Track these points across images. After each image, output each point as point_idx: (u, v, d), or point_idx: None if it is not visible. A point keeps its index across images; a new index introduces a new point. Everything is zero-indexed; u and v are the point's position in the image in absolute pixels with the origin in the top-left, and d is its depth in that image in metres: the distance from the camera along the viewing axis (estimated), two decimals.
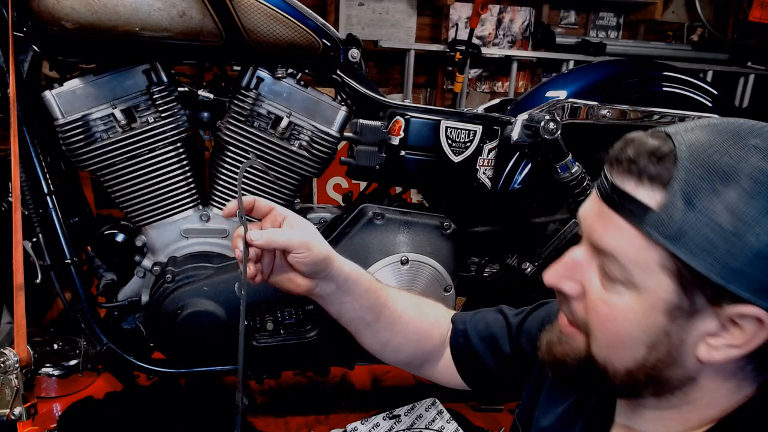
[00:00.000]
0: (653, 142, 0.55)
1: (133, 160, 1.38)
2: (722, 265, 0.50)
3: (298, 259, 0.79)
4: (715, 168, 0.51)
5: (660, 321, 0.55)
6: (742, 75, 3.92)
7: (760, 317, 0.51)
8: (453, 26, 3.76)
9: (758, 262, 0.50)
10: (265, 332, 1.43)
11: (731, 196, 0.50)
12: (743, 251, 0.50)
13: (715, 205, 0.50)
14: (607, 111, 1.53)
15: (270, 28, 1.31)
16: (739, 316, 0.52)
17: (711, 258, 0.51)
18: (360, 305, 0.88)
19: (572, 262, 0.62)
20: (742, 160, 0.51)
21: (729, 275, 0.50)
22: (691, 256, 0.51)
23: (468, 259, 1.67)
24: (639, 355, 0.58)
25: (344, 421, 1.44)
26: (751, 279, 0.50)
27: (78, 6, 1.20)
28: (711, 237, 0.50)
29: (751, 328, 0.52)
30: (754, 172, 0.50)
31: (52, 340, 1.46)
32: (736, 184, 0.50)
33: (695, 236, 0.51)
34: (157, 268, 1.44)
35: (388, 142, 1.45)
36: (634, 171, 0.54)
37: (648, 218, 0.53)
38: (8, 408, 1.05)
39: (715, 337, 0.54)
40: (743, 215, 0.50)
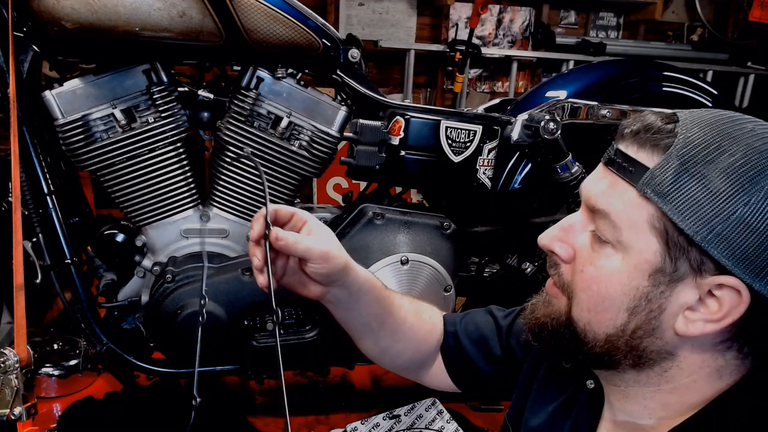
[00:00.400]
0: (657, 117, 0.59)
1: (133, 160, 1.38)
2: (707, 227, 0.53)
3: (314, 270, 0.78)
4: (714, 140, 0.54)
5: (643, 284, 0.57)
6: (742, 75, 3.92)
7: (739, 288, 0.53)
8: (453, 26, 3.76)
9: (743, 229, 0.52)
10: (265, 332, 1.43)
11: (725, 163, 0.53)
12: (729, 216, 0.52)
13: (708, 169, 0.53)
14: (607, 111, 1.53)
15: (270, 28, 1.31)
16: (718, 287, 0.54)
17: (697, 218, 0.53)
18: (368, 313, 0.89)
19: (567, 225, 0.65)
20: (738, 136, 0.54)
21: (712, 238, 0.52)
22: (679, 214, 0.54)
23: (468, 259, 1.67)
24: (619, 320, 0.59)
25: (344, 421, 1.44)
26: (733, 246, 0.52)
27: (78, 6, 1.20)
28: (700, 198, 0.53)
29: (729, 301, 0.54)
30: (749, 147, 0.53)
31: (52, 340, 1.46)
32: (730, 156, 0.53)
33: (685, 195, 0.53)
34: (157, 268, 1.44)
35: (388, 142, 1.45)
36: (639, 139, 0.58)
37: (645, 176, 0.56)
38: (8, 408, 1.05)
39: (693, 310, 0.56)
40: (734, 182, 0.52)
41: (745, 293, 0.53)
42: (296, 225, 0.79)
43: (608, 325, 0.60)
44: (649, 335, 0.59)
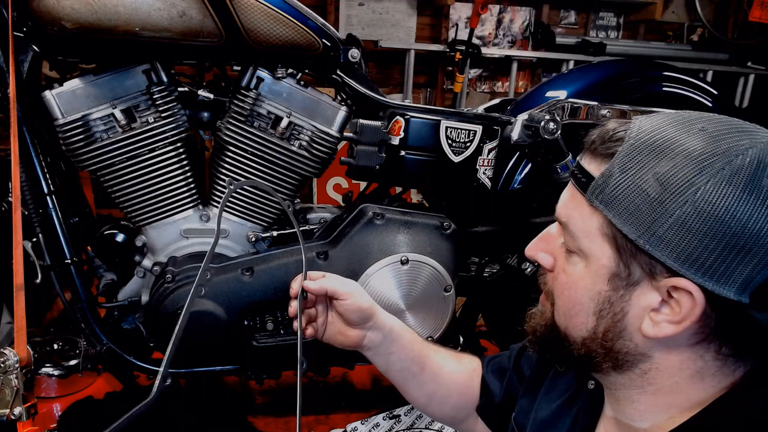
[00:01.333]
0: (613, 126, 0.61)
1: (133, 160, 1.38)
2: (648, 232, 0.54)
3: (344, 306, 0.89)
4: (655, 143, 0.56)
5: (604, 289, 0.60)
6: (742, 75, 3.92)
7: (689, 289, 0.54)
8: (453, 26, 3.76)
9: (680, 230, 0.53)
10: (265, 332, 1.43)
11: (662, 168, 0.54)
12: (667, 218, 0.53)
13: (645, 174, 0.55)
14: (607, 111, 1.53)
15: (270, 28, 1.31)
16: (673, 289, 0.56)
17: (638, 223, 0.55)
18: (406, 355, 0.94)
19: (547, 235, 0.69)
20: (682, 139, 0.55)
21: (655, 241, 0.54)
22: (621, 220, 0.56)
23: (468, 259, 1.67)
24: (590, 324, 0.62)
25: (344, 421, 1.44)
26: (676, 248, 0.54)
27: (78, 6, 1.20)
28: (638, 203, 0.55)
29: (685, 303, 0.55)
30: (690, 147, 0.54)
31: (52, 340, 1.46)
32: (670, 158, 0.54)
33: (624, 201, 0.56)
34: (157, 268, 1.44)
35: (388, 142, 1.45)
36: (593, 150, 0.61)
37: (591, 186, 0.59)
38: (8, 408, 1.05)
39: (657, 312, 0.58)
40: (669, 184, 0.53)
41: (698, 294, 0.54)
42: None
43: (581, 329, 0.63)
44: (618, 337, 0.61)
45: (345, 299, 0.89)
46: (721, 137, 0.54)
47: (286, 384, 1.93)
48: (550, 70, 3.98)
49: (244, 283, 1.37)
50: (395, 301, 1.40)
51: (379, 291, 1.39)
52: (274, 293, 1.39)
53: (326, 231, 1.49)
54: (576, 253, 0.62)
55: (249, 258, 1.41)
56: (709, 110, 1.65)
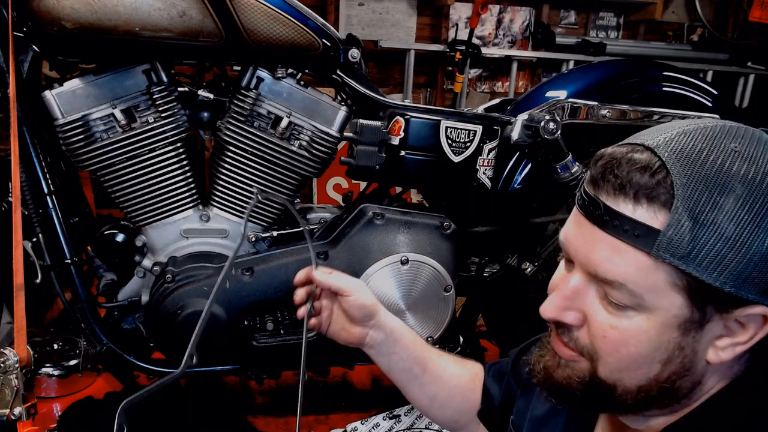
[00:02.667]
0: (638, 157, 0.54)
1: (133, 160, 1.38)
2: (734, 275, 0.51)
3: (348, 302, 0.90)
4: (710, 180, 0.51)
5: (674, 337, 0.55)
6: (742, 75, 3.92)
7: (765, 314, 0.53)
8: (453, 26, 3.76)
9: (765, 265, 0.51)
10: (265, 332, 1.43)
11: (729, 206, 0.51)
12: (752, 258, 0.51)
13: (718, 217, 0.51)
14: (607, 111, 1.53)
15: (270, 28, 1.31)
16: (745, 317, 0.54)
17: (723, 270, 0.51)
18: (408, 356, 0.94)
19: (570, 292, 0.60)
20: (728, 167, 0.52)
21: (740, 283, 0.51)
22: (705, 271, 0.51)
23: (468, 259, 1.67)
24: (653, 372, 0.58)
25: (344, 421, 1.44)
26: (758, 282, 0.51)
27: (78, 6, 1.20)
28: (721, 250, 0.51)
29: (755, 326, 0.54)
30: (743, 177, 0.51)
31: (52, 340, 1.46)
32: (731, 193, 0.51)
33: (707, 252, 0.51)
34: (157, 268, 1.44)
35: (388, 142, 1.45)
36: (629, 191, 0.54)
37: (657, 241, 0.52)
38: (8, 408, 1.05)
39: (721, 338, 0.56)
40: (745, 222, 0.50)
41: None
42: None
43: (641, 378, 0.59)
44: (683, 376, 0.58)
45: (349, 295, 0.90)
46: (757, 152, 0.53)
47: (286, 384, 1.93)
48: (550, 70, 3.98)
49: (244, 283, 1.37)
50: (395, 301, 1.40)
51: (379, 291, 1.39)
52: (274, 293, 1.39)
53: (326, 231, 1.49)
54: (632, 308, 0.56)
55: (249, 258, 1.41)
56: (708, 110, 1.65)
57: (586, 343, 0.60)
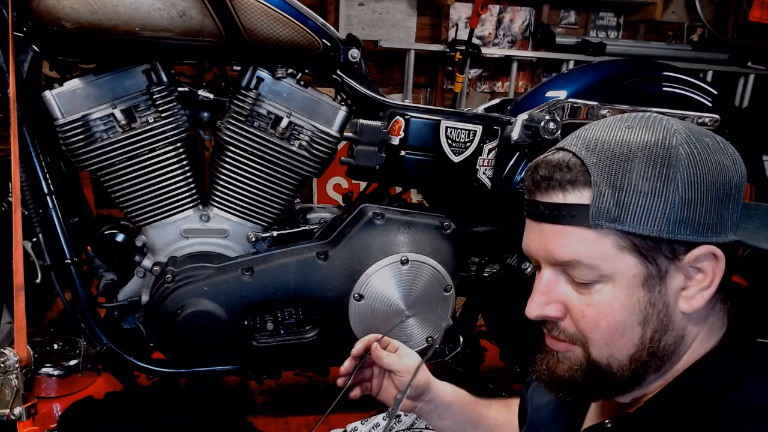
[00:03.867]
0: (554, 157, 0.64)
1: (133, 160, 1.38)
2: (664, 222, 0.58)
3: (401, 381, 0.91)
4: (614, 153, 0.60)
5: (641, 295, 0.61)
6: (742, 75, 3.92)
7: (712, 251, 0.59)
8: (453, 26, 3.76)
9: (687, 206, 0.58)
10: (265, 332, 1.43)
11: (637, 168, 0.59)
12: (672, 202, 0.58)
13: (632, 179, 0.59)
14: (607, 111, 1.53)
15: (270, 28, 1.31)
16: (696, 260, 0.60)
17: (653, 220, 0.59)
18: (459, 420, 0.97)
19: (544, 287, 0.66)
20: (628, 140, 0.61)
21: (673, 227, 0.58)
22: (635, 224, 0.59)
23: (468, 259, 1.67)
24: (636, 336, 0.62)
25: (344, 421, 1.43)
26: (689, 222, 0.58)
27: (78, 6, 1.20)
28: (644, 203, 0.59)
29: (710, 266, 0.60)
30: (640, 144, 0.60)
31: (52, 340, 1.46)
32: (635, 158, 0.59)
33: (632, 208, 0.59)
34: (157, 268, 1.44)
35: (388, 142, 1.45)
36: (555, 185, 0.62)
37: (591, 213, 0.60)
38: (8, 408, 1.05)
39: (687, 288, 0.61)
40: (654, 176, 0.58)
41: (719, 252, 0.59)
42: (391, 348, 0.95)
43: (629, 346, 0.63)
44: (664, 332, 0.62)
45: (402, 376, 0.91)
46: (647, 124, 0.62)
47: (286, 384, 1.93)
48: (550, 70, 3.98)
49: (244, 283, 1.37)
50: (395, 301, 1.40)
51: (379, 291, 1.39)
52: (274, 293, 1.39)
53: (326, 231, 1.49)
54: (597, 282, 0.62)
55: (249, 258, 1.41)
56: (708, 110, 1.65)
57: (573, 330, 0.65)
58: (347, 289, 1.40)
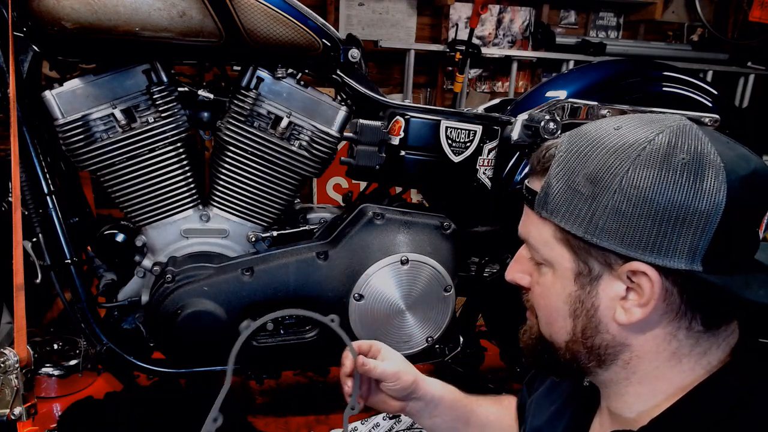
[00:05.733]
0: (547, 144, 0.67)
1: (133, 160, 1.38)
2: (591, 225, 0.59)
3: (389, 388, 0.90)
4: (580, 149, 0.62)
5: (572, 289, 0.64)
6: (742, 75, 3.92)
7: (644, 270, 0.58)
8: (453, 26, 3.76)
9: (617, 217, 0.58)
10: (265, 332, 1.43)
11: (588, 167, 0.60)
12: (603, 210, 0.58)
13: (575, 177, 0.61)
14: (607, 111, 1.53)
15: (270, 28, 1.31)
16: (632, 274, 0.59)
17: (581, 221, 0.60)
18: (449, 416, 0.96)
19: (519, 257, 0.72)
20: (601, 139, 0.61)
21: (599, 233, 0.59)
22: (567, 222, 0.61)
23: (468, 259, 1.67)
24: (568, 326, 0.65)
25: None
26: (617, 233, 0.58)
27: (78, 6, 1.20)
28: (576, 203, 0.60)
29: (646, 284, 0.58)
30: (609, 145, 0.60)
31: (52, 340, 1.46)
32: (593, 158, 0.60)
33: (565, 205, 0.61)
34: (157, 268, 1.44)
35: (388, 142, 1.45)
36: (534, 170, 0.67)
37: (536, 200, 0.64)
38: (8, 408, 1.05)
39: (626, 299, 0.61)
40: (597, 180, 0.59)
41: (652, 272, 0.58)
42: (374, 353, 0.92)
43: (562, 333, 0.66)
44: (596, 332, 0.64)
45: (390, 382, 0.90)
46: (633, 130, 0.60)
47: (286, 384, 1.93)
48: (550, 70, 3.98)
49: (244, 283, 1.37)
50: (395, 301, 1.40)
51: (379, 291, 1.39)
52: (274, 293, 1.39)
53: (326, 231, 1.49)
54: (543, 264, 0.67)
55: (249, 258, 1.41)
56: (708, 110, 1.65)
57: (532, 303, 0.71)
58: (347, 289, 1.40)
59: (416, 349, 1.47)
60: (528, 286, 0.71)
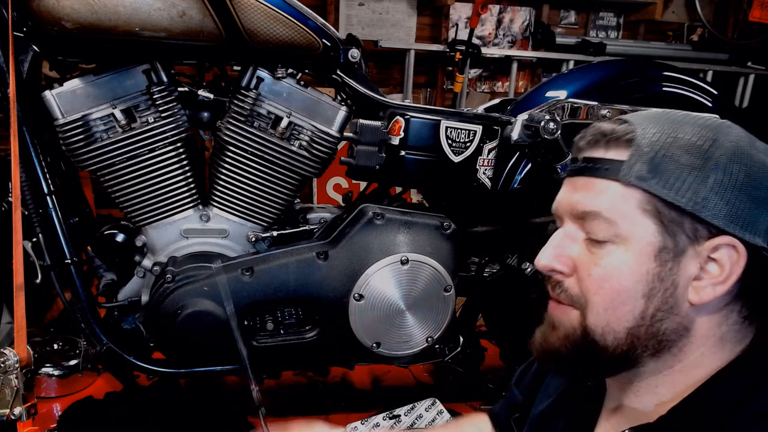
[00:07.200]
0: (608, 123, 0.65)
1: (133, 160, 1.38)
2: (692, 195, 0.58)
3: None
4: (666, 126, 0.62)
5: (652, 267, 0.60)
6: (742, 75, 3.92)
7: (734, 244, 0.58)
8: (453, 26, 3.76)
9: (721, 191, 0.58)
10: (265, 332, 1.43)
11: (684, 141, 0.60)
12: (705, 182, 0.58)
13: (674, 148, 0.60)
14: (607, 111, 1.53)
15: (270, 28, 1.31)
16: (715, 249, 0.59)
17: (682, 190, 0.58)
18: None
19: (559, 240, 0.66)
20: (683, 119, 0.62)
21: (699, 204, 0.58)
22: (664, 189, 0.59)
23: (468, 259, 1.67)
24: (638, 309, 0.61)
25: (344, 421, 1.44)
26: (718, 206, 0.58)
27: (78, 6, 1.20)
28: (677, 173, 0.59)
29: (729, 259, 0.58)
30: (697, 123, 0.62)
31: (52, 340, 1.46)
32: (686, 134, 0.60)
33: (664, 173, 0.59)
34: (157, 268, 1.44)
35: (388, 142, 1.45)
36: (601, 142, 0.64)
37: (622, 168, 0.61)
38: (8, 408, 1.05)
39: (699, 279, 0.60)
40: (699, 154, 0.59)
41: (741, 247, 0.58)
42: None
43: (628, 318, 0.61)
44: (668, 314, 0.61)
45: None
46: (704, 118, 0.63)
47: (286, 384, 1.93)
48: (550, 70, 3.98)
49: (244, 283, 1.37)
50: (395, 301, 1.40)
51: (379, 291, 1.39)
52: (274, 293, 1.39)
53: (326, 231, 1.49)
54: (609, 242, 0.61)
55: (249, 258, 1.41)
56: (709, 110, 1.65)
57: (576, 291, 0.65)
58: (347, 289, 1.40)
59: (416, 349, 1.47)
60: (570, 272, 0.65)
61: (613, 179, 0.61)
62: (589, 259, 0.63)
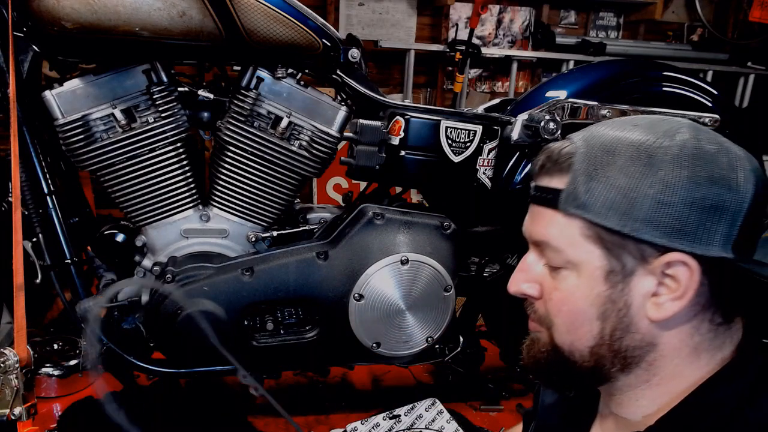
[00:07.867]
0: (556, 145, 0.66)
1: (133, 160, 1.38)
2: (630, 217, 0.58)
3: None
4: (604, 145, 0.61)
5: (602, 290, 0.61)
6: (742, 75, 3.92)
7: (683, 260, 0.58)
8: (453, 26, 3.76)
9: (659, 207, 0.57)
10: (265, 332, 1.43)
11: (620, 161, 0.60)
12: (643, 201, 0.58)
13: (609, 171, 0.60)
14: (607, 111, 1.53)
15: (270, 28, 1.31)
16: (667, 266, 0.58)
17: (618, 213, 0.59)
18: None
19: (525, 266, 0.69)
20: (624, 137, 0.61)
21: (639, 225, 0.58)
22: (602, 216, 0.59)
23: (468, 259, 1.67)
24: (595, 330, 0.63)
25: (344, 421, 1.44)
26: (658, 224, 0.57)
27: (78, 6, 1.20)
28: (612, 196, 0.59)
29: (683, 274, 0.58)
30: (636, 139, 0.60)
31: (52, 340, 1.46)
32: (623, 152, 0.60)
33: (600, 199, 0.59)
34: (157, 268, 1.44)
35: (388, 142, 1.45)
36: (546, 169, 0.65)
37: (561, 198, 0.62)
38: (8, 408, 1.05)
39: (658, 295, 0.60)
40: (633, 172, 0.59)
41: (692, 262, 0.58)
42: None
43: (588, 337, 0.64)
44: (626, 333, 0.62)
45: None
46: (653, 125, 0.61)
47: (286, 384, 1.93)
48: (550, 70, 3.98)
49: (244, 283, 1.37)
50: (395, 301, 1.40)
51: (379, 291, 1.39)
52: (274, 293, 1.39)
53: (326, 231, 1.49)
54: (563, 268, 0.64)
55: (249, 258, 1.41)
56: (708, 110, 1.65)
57: (543, 312, 0.67)
58: (347, 289, 1.40)
59: (416, 349, 1.47)
60: (538, 295, 0.68)
61: (555, 209, 0.63)
62: (551, 283, 0.66)
